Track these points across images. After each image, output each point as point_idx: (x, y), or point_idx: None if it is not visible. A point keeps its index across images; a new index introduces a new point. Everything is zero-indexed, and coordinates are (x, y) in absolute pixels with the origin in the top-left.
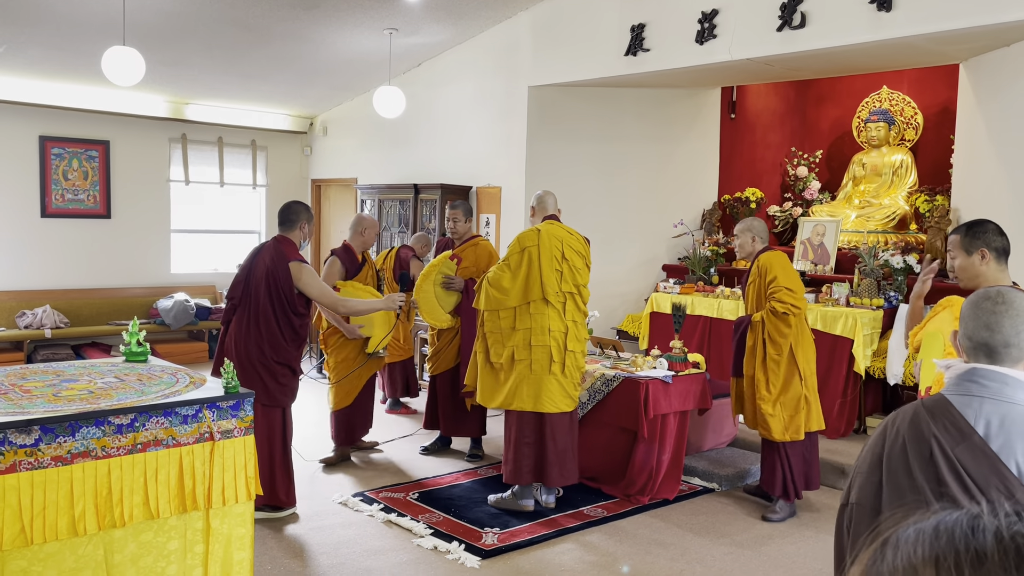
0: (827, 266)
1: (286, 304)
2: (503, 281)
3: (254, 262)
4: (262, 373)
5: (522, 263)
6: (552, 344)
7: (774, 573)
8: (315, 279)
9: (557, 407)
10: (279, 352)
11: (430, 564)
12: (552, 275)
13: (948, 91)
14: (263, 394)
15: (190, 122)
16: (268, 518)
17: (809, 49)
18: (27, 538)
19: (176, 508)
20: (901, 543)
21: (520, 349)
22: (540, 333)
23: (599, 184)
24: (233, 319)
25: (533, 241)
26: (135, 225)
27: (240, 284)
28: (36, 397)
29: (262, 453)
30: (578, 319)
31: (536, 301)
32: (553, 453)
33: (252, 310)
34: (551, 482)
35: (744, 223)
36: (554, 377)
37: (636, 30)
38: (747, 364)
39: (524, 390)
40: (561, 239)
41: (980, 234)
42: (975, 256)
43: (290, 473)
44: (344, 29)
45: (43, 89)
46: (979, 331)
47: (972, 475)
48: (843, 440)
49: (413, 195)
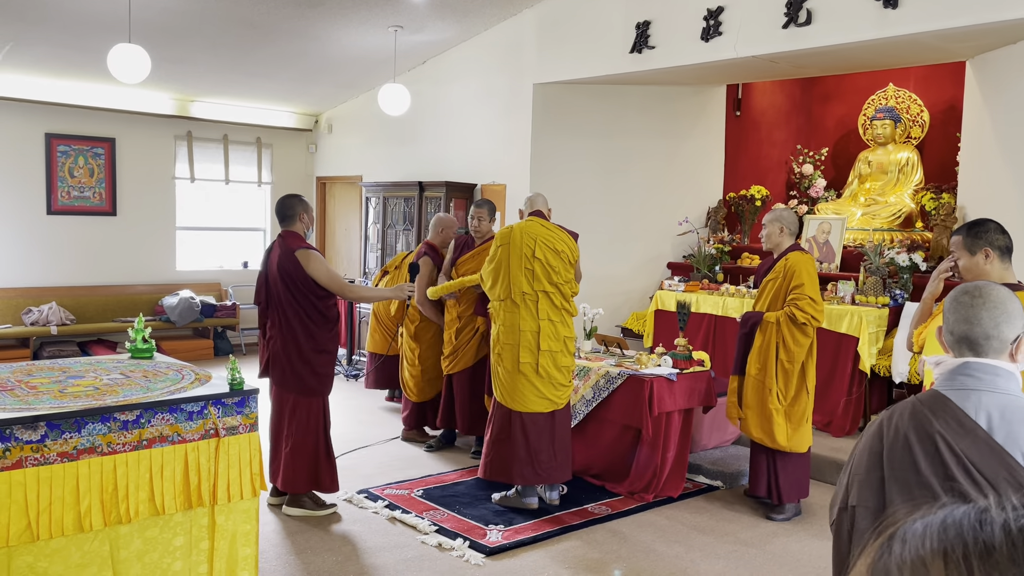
0: (832, 264)
1: (305, 291)
2: (486, 277)
3: (268, 262)
4: (299, 368)
5: (495, 258)
6: (522, 342)
7: (778, 571)
8: (322, 264)
9: (528, 407)
10: (315, 339)
11: (434, 561)
12: (520, 274)
13: (954, 88)
14: (302, 388)
15: (195, 119)
16: (310, 516)
17: (815, 46)
18: (33, 534)
19: (181, 504)
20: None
21: (494, 344)
22: (509, 331)
23: (604, 182)
24: (268, 322)
25: (505, 240)
26: (141, 222)
27: (262, 289)
28: (42, 393)
29: (306, 443)
30: (555, 318)
31: (506, 299)
32: (524, 452)
33: (280, 308)
34: (520, 481)
35: (773, 212)
36: (524, 377)
37: (641, 27)
38: (750, 363)
39: (502, 386)
40: (535, 236)
41: (982, 234)
42: (979, 256)
43: (332, 459)
44: (349, 27)
45: (49, 86)
46: (959, 325)
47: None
48: (848, 438)
49: (418, 193)
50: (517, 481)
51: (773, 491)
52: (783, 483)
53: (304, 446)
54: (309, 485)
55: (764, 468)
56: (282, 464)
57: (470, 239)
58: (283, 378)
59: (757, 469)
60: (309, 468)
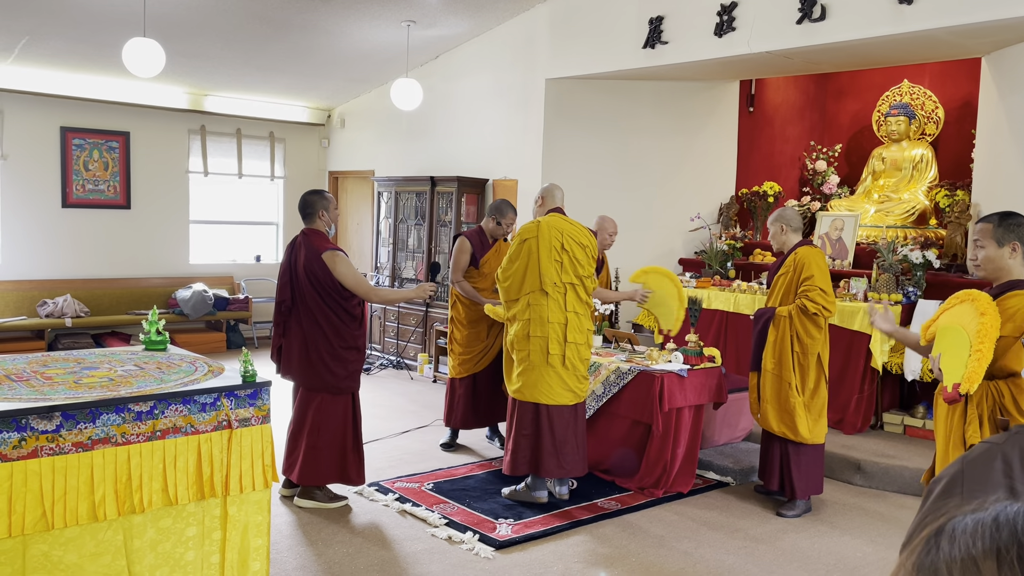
0: (845, 261)
1: (332, 292)
2: (506, 271)
3: (293, 260)
4: (331, 364)
5: (520, 254)
6: (551, 335)
7: (788, 567)
8: (349, 267)
9: (554, 399)
10: (343, 337)
11: (444, 554)
12: (551, 265)
13: (970, 85)
14: (331, 386)
15: (209, 114)
16: (321, 508)
17: (829, 42)
18: (48, 522)
19: (194, 495)
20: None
21: (520, 340)
22: (538, 324)
23: (616, 177)
24: (291, 321)
25: (532, 233)
26: (154, 216)
27: (287, 286)
28: (57, 384)
29: (334, 439)
30: (580, 310)
31: (535, 292)
32: (550, 445)
33: (307, 307)
34: (547, 473)
35: (775, 213)
36: (552, 369)
37: (654, 23)
38: (766, 358)
39: (524, 381)
40: (562, 230)
41: (1014, 227)
42: (1006, 248)
43: (360, 453)
44: (362, 21)
45: (64, 80)
46: None
47: None
48: (859, 436)
49: (430, 188)
50: (544, 474)
51: (787, 486)
52: (797, 478)
53: (332, 442)
54: (334, 478)
55: (777, 463)
56: (301, 458)
57: (485, 237)
58: (310, 377)
59: (771, 464)
60: (337, 462)
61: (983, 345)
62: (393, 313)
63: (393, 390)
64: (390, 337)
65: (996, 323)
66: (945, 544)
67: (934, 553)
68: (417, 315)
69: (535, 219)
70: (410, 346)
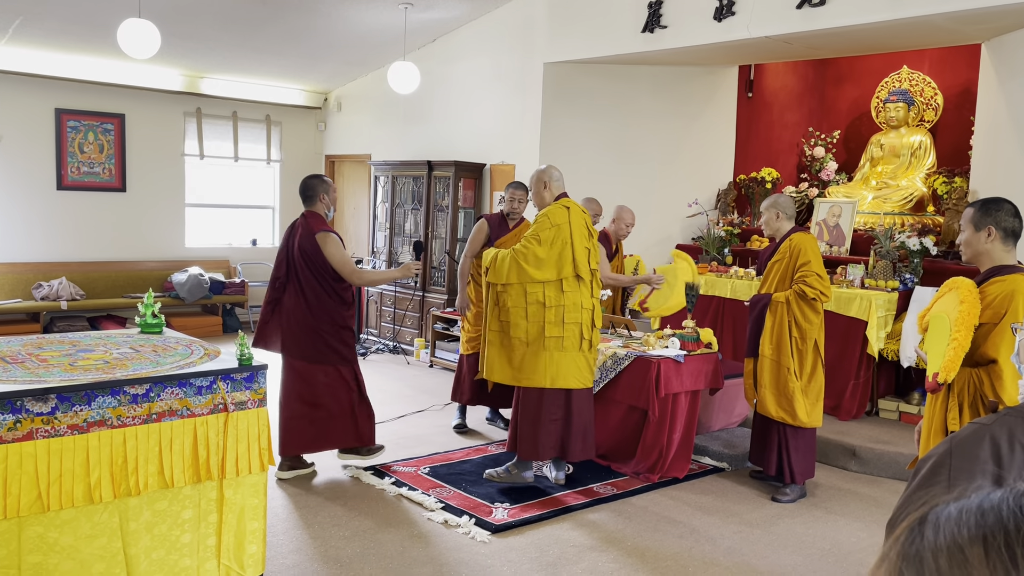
0: (842, 247)
1: (323, 272)
2: (538, 254)
3: (291, 240)
4: (330, 339)
5: (556, 239)
6: (584, 320)
7: (783, 552)
8: (338, 248)
9: (582, 383)
10: (336, 317)
11: (441, 538)
12: (583, 252)
13: (969, 71)
14: (336, 356)
15: (205, 96)
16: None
17: (829, 27)
18: (44, 504)
19: (190, 478)
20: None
21: (552, 326)
22: (574, 310)
23: (613, 162)
24: (284, 296)
25: (564, 218)
26: (150, 199)
27: (283, 264)
28: (53, 366)
29: (344, 404)
30: (597, 296)
31: (568, 278)
32: (578, 428)
33: (300, 284)
34: (573, 457)
35: (769, 200)
36: (582, 354)
37: (653, 7)
38: (763, 344)
39: (543, 367)
40: (584, 217)
41: (992, 211)
42: (982, 233)
43: (371, 415)
44: (359, 3)
45: (59, 61)
46: None
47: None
48: (855, 422)
49: (427, 172)
50: (571, 458)
51: (786, 470)
52: (795, 461)
53: (345, 409)
54: (355, 440)
55: (775, 447)
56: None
57: (503, 220)
58: (315, 351)
59: (767, 449)
60: (351, 426)
61: (959, 334)
62: (389, 297)
63: (389, 375)
64: (386, 322)
65: (974, 311)
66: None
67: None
68: (414, 300)
69: (560, 204)
70: (407, 331)
